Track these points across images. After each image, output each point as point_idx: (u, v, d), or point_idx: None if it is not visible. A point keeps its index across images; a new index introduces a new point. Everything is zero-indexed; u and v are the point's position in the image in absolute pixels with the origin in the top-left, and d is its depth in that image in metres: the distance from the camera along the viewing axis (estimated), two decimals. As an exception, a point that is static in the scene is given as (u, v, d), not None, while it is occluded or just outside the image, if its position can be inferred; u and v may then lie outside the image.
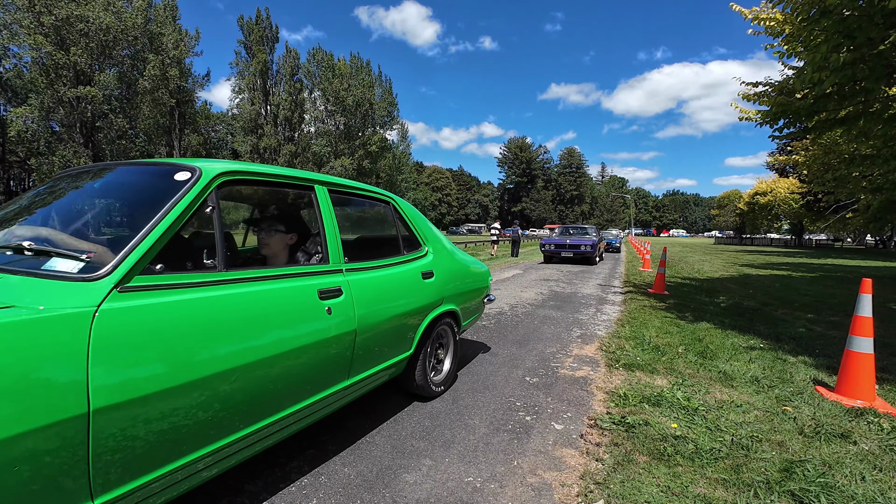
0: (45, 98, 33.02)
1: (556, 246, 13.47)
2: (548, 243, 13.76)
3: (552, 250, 13.52)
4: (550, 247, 13.59)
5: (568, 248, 13.18)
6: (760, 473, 1.91)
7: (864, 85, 5.67)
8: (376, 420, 2.40)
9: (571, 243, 13.17)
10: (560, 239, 13.88)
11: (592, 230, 15.07)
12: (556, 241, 13.75)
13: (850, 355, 2.83)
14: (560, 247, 13.37)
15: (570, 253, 13.11)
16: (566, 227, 15.82)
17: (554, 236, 15.06)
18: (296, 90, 54.59)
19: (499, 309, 5.77)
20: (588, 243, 12.93)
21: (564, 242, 13.36)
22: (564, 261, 13.84)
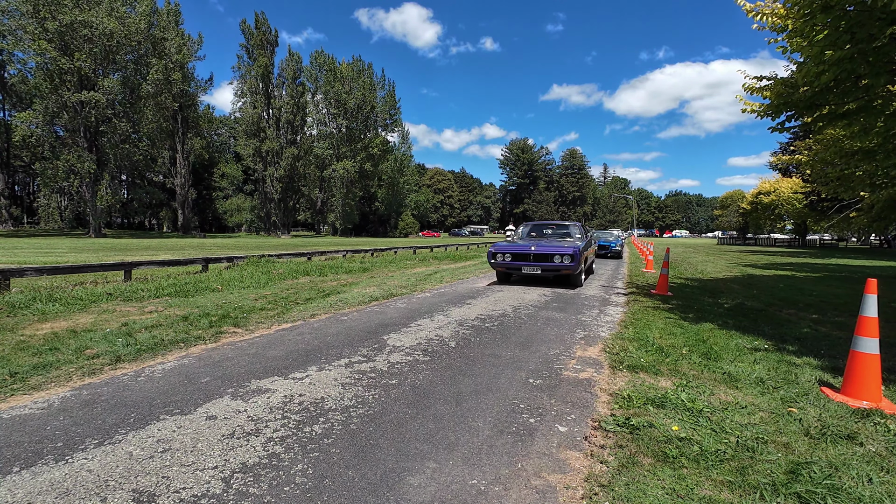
0: (49, 103, 33.25)
1: (515, 257, 8.22)
2: (501, 252, 8.36)
3: (508, 264, 8.28)
4: (505, 257, 8.32)
5: (532, 260, 8.03)
6: (766, 475, 1.90)
7: (865, 82, 5.67)
8: (380, 423, 2.40)
9: (539, 252, 7.97)
10: (522, 246, 8.35)
11: (577, 229, 9.72)
12: (515, 248, 8.30)
13: (855, 356, 2.82)
14: (521, 258, 8.17)
15: (535, 268, 7.96)
16: (536, 224, 10.35)
17: (515, 239, 9.85)
18: (298, 93, 54.84)
19: (502, 311, 5.76)
20: (566, 252, 7.76)
21: (527, 251, 8.09)
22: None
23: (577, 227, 9.82)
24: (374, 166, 62.29)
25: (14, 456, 1.99)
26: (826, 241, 54.35)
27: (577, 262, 7.64)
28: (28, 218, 47.77)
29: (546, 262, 7.86)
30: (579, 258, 7.72)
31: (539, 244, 8.30)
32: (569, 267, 7.68)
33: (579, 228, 9.72)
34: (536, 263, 7.92)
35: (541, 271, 7.92)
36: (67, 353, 3.57)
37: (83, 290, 6.55)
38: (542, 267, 7.88)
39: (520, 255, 8.16)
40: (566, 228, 9.92)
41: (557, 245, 8.12)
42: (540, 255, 7.95)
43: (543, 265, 7.86)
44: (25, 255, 14.06)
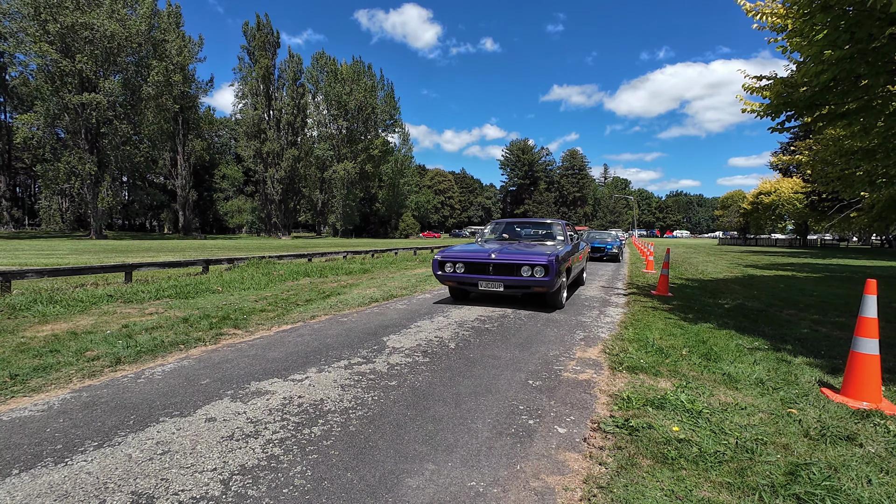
0: (50, 105, 33.33)
1: (470, 267, 6.00)
2: (451, 260, 6.12)
3: (460, 277, 6.04)
4: (456, 268, 6.08)
5: (492, 272, 5.83)
6: (765, 477, 1.90)
7: (865, 82, 5.67)
8: (379, 425, 2.40)
9: (501, 261, 5.77)
10: (478, 251, 6.14)
11: (560, 229, 7.55)
12: (469, 254, 6.09)
13: (855, 356, 2.82)
14: (476, 269, 5.96)
15: (497, 284, 5.80)
16: (509, 222, 8.18)
17: (476, 242, 7.61)
18: (298, 94, 54.94)
19: (502, 311, 5.76)
20: (537, 261, 5.56)
21: (485, 259, 5.87)
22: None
23: (560, 226, 7.60)
24: (375, 167, 62.38)
25: (13, 458, 1.99)
26: (827, 241, 54.29)
27: (553, 276, 5.34)
28: (29, 220, 47.86)
29: (511, 276, 5.58)
30: (557, 269, 5.41)
31: (504, 250, 6.01)
32: (542, 282, 5.38)
33: (563, 228, 7.50)
34: (498, 277, 5.64)
35: (503, 288, 5.62)
36: (68, 354, 3.57)
37: (84, 291, 6.56)
38: (507, 282, 5.59)
39: (475, 266, 5.83)
40: (547, 228, 7.69)
41: (528, 252, 5.83)
42: (502, 266, 5.64)
43: (507, 280, 5.58)
44: (26, 257, 14.09)
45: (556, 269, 5.45)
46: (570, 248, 6.54)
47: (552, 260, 5.43)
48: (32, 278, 6.93)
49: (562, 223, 7.71)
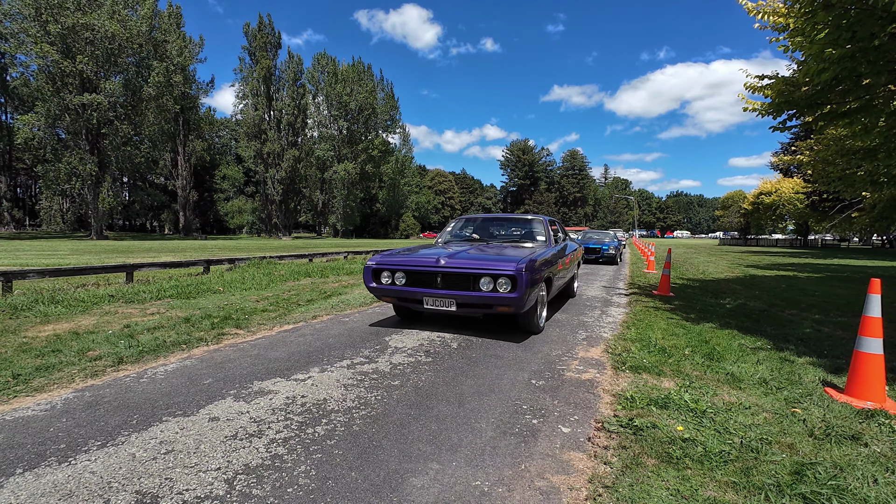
0: (51, 105, 33.34)
1: (412, 278, 4.36)
2: (388, 267, 4.49)
3: (400, 291, 4.38)
4: (395, 279, 4.44)
5: (441, 285, 4.18)
6: (771, 476, 1.89)
7: (867, 81, 5.67)
8: (383, 424, 2.40)
9: (452, 269, 4.14)
10: (424, 256, 4.50)
11: (541, 227, 5.98)
12: (411, 260, 4.47)
13: (859, 356, 2.81)
14: (420, 280, 4.31)
15: (447, 301, 4.13)
16: (479, 218, 6.52)
17: (439, 243, 5.96)
18: (299, 95, 54.99)
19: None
20: (503, 270, 3.95)
21: (431, 266, 4.23)
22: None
23: (542, 223, 5.93)
24: (375, 168, 62.42)
25: (17, 457, 1.99)
26: (828, 241, 54.26)
27: (524, 290, 3.81)
28: (30, 220, 47.89)
29: (466, 291, 4.02)
30: (529, 280, 3.87)
31: (460, 254, 4.42)
32: (508, 300, 3.84)
33: (545, 226, 5.84)
34: (448, 293, 4.05)
35: (456, 307, 4.06)
36: (70, 354, 3.57)
37: (85, 291, 6.56)
38: (460, 299, 4.03)
39: (419, 276, 4.25)
40: (525, 226, 5.98)
41: (490, 257, 4.26)
42: (455, 277, 4.07)
43: (462, 296, 4.01)
44: (28, 258, 14.10)
45: (528, 281, 3.83)
46: (552, 251, 4.99)
47: (522, 268, 3.83)
48: (34, 278, 6.93)
49: (544, 220, 6.04)
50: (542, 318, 4.68)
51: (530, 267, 3.98)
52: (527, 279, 3.85)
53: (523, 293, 3.83)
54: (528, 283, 3.88)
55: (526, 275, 3.85)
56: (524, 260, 4.02)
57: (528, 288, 3.86)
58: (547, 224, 6.00)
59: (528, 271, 3.90)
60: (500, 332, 4.58)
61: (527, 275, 3.87)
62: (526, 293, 3.86)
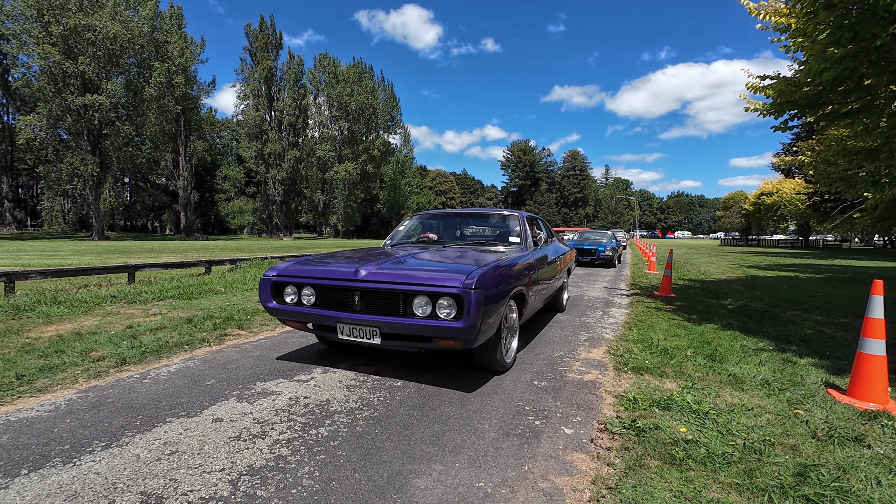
0: (52, 106, 33.40)
1: (323, 295, 3.07)
2: (293, 279, 3.17)
3: (308, 313, 3.06)
4: (302, 296, 3.16)
5: (360, 308, 2.91)
6: (774, 478, 1.89)
7: (869, 82, 5.67)
8: (386, 425, 2.40)
9: (372, 283, 2.86)
10: (341, 265, 3.18)
11: (517, 224, 4.64)
12: (324, 271, 3.13)
13: (861, 357, 2.81)
14: (333, 300, 3.03)
15: (367, 331, 2.88)
16: (438, 215, 5.26)
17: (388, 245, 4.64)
18: (300, 96, 55.05)
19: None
20: (445, 283, 2.67)
21: (348, 277, 2.96)
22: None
23: (518, 220, 4.66)
24: (376, 168, 62.45)
25: (22, 458, 2.00)
26: (829, 241, 54.20)
27: (474, 315, 2.60)
28: (31, 221, 47.97)
29: (392, 316, 2.84)
30: (481, 303, 2.64)
31: (390, 261, 3.25)
32: (450, 330, 2.65)
33: (523, 225, 4.55)
34: (368, 318, 2.87)
35: (381, 339, 2.89)
36: (73, 355, 3.58)
37: (87, 292, 6.57)
38: (386, 328, 2.84)
39: (331, 292, 3.08)
40: (497, 225, 4.85)
41: (432, 267, 3.13)
42: (376, 293, 2.92)
43: (387, 323, 2.82)
44: (29, 258, 14.12)
45: (482, 301, 2.62)
46: (528, 257, 3.84)
47: (472, 284, 2.62)
48: (36, 279, 6.95)
49: (521, 217, 4.69)
50: (509, 351, 3.42)
51: (486, 281, 2.73)
52: (479, 299, 2.58)
53: (473, 320, 2.55)
54: (483, 303, 2.62)
55: (477, 293, 2.59)
56: (477, 271, 2.76)
57: (480, 312, 2.59)
58: (524, 222, 4.58)
59: (481, 287, 2.64)
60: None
61: (479, 293, 2.60)
62: (477, 320, 2.58)
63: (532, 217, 5.13)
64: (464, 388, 2.99)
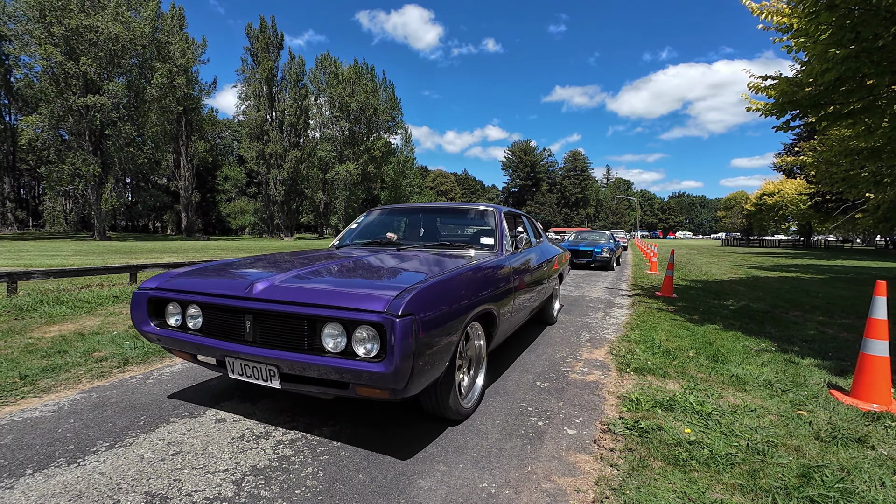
0: (54, 107, 33.48)
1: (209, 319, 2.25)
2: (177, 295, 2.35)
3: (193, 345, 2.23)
4: (188, 317, 2.33)
5: (251, 337, 2.08)
6: (778, 479, 1.89)
7: (871, 82, 5.67)
8: (389, 425, 2.41)
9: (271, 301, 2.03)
10: (235, 276, 2.41)
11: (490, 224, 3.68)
12: (212, 287, 2.28)
13: (865, 358, 2.80)
14: (222, 326, 2.18)
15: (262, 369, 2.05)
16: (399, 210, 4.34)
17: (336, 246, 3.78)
18: (301, 96, 55.10)
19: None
20: (365, 308, 1.83)
21: (238, 294, 2.12)
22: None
23: (494, 218, 3.76)
24: (377, 168, 62.45)
25: (27, 458, 2.00)
26: (831, 242, 54.13)
27: (402, 355, 1.75)
28: (33, 221, 48.07)
29: (294, 352, 1.97)
30: (417, 332, 1.80)
31: (296, 271, 2.38)
32: (368, 376, 1.81)
33: (498, 224, 3.65)
34: (263, 354, 2.01)
35: (280, 381, 2.04)
36: (76, 355, 3.59)
37: (89, 292, 6.59)
38: (286, 367, 1.99)
39: (218, 313, 2.21)
40: (469, 223, 4.18)
41: (354, 279, 2.42)
42: (273, 317, 2.05)
43: (287, 360, 1.96)
44: (31, 259, 14.15)
45: (411, 331, 1.79)
46: (501, 262, 3.04)
47: (398, 308, 1.80)
48: (38, 279, 6.96)
49: (497, 213, 3.77)
50: (472, 391, 2.62)
51: (426, 302, 1.92)
52: (409, 330, 1.77)
53: (400, 362, 1.75)
54: (419, 335, 1.82)
55: (406, 322, 1.77)
56: (413, 289, 1.93)
57: (414, 348, 1.79)
58: (500, 220, 3.66)
59: (417, 312, 1.83)
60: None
61: (410, 322, 1.78)
62: (407, 360, 1.77)
63: (513, 213, 4.41)
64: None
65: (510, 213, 4.25)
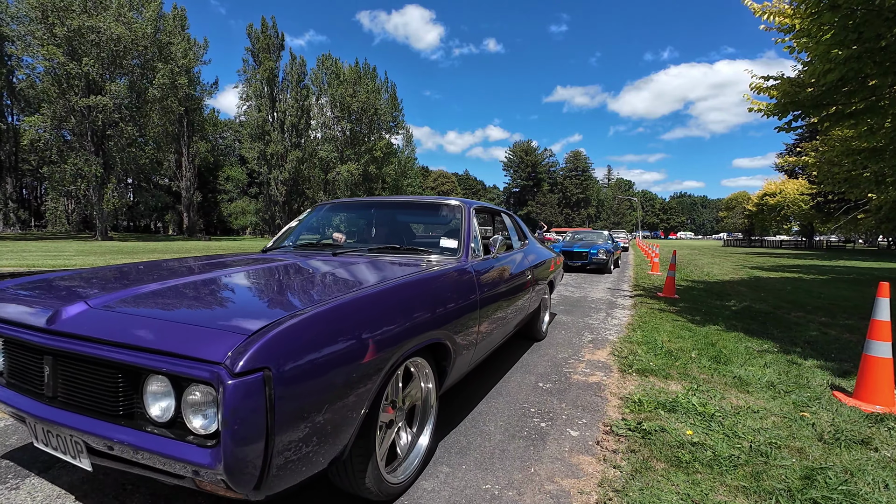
0: (57, 107, 33.57)
1: (11, 360, 1.53)
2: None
3: None
4: None
5: (51, 391, 1.38)
6: (781, 481, 1.89)
7: (874, 83, 5.66)
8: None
9: (74, 339, 1.33)
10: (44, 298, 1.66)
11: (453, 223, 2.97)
12: (10, 314, 1.55)
13: (868, 360, 2.80)
14: (21, 372, 1.49)
15: (69, 443, 1.34)
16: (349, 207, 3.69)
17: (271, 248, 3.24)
18: (302, 97, 55.18)
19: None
20: (196, 357, 1.13)
21: (38, 325, 1.42)
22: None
23: (460, 213, 2.94)
24: (378, 169, 62.50)
25: (31, 459, 2.01)
26: (833, 242, 54.01)
27: (240, 438, 1.07)
28: (35, 221, 48.20)
29: (104, 421, 1.27)
30: (263, 407, 1.10)
31: (134, 290, 1.63)
32: (196, 468, 1.11)
33: (465, 219, 2.85)
34: (64, 419, 1.31)
35: (91, 461, 1.32)
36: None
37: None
38: (94, 441, 1.27)
39: (16, 353, 1.52)
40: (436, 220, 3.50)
41: (202, 314, 1.49)
42: (78, 363, 1.33)
43: (92, 435, 1.25)
44: (34, 259, 14.19)
45: (261, 397, 1.10)
46: (459, 275, 2.35)
47: (239, 359, 1.09)
48: (42, 280, 6.97)
49: (466, 209, 2.98)
50: (413, 455, 1.95)
51: (303, 340, 1.26)
52: (260, 394, 1.10)
53: (235, 446, 1.07)
54: (279, 398, 1.14)
55: (253, 384, 1.09)
56: (280, 324, 1.25)
57: (266, 425, 1.11)
58: (469, 218, 2.88)
59: (282, 360, 1.16)
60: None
61: (257, 383, 1.10)
62: (250, 444, 1.09)
63: (490, 210, 3.66)
64: None
65: (485, 209, 3.45)
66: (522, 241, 4.09)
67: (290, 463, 1.20)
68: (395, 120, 65.87)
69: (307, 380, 1.22)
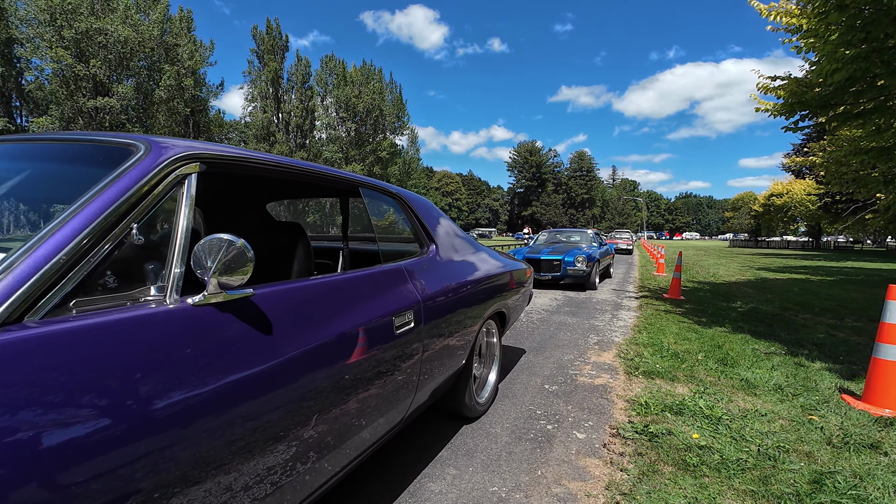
0: (65, 109, 33.94)
1: None
2: None
3: None
4: None
5: None
6: (789, 485, 1.89)
7: (882, 82, 5.62)
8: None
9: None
10: None
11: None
12: None
13: (877, 363, 2.78)
14: None
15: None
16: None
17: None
18: (307, 97, 55.44)
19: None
20: None
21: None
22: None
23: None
24: (383, 169, 62.61)
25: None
26: (840, 243, 53.51)
27: None
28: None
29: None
30: None
31: None
32: None
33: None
34: None
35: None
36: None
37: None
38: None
39: None
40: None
41: None
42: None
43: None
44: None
45: None
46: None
47: None
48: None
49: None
50: None
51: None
52: None
53: None
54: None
55: None
56: None
57: None
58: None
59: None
60: (513, 338, 4.56)
61: None
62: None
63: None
64: None
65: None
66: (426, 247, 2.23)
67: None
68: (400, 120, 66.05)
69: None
